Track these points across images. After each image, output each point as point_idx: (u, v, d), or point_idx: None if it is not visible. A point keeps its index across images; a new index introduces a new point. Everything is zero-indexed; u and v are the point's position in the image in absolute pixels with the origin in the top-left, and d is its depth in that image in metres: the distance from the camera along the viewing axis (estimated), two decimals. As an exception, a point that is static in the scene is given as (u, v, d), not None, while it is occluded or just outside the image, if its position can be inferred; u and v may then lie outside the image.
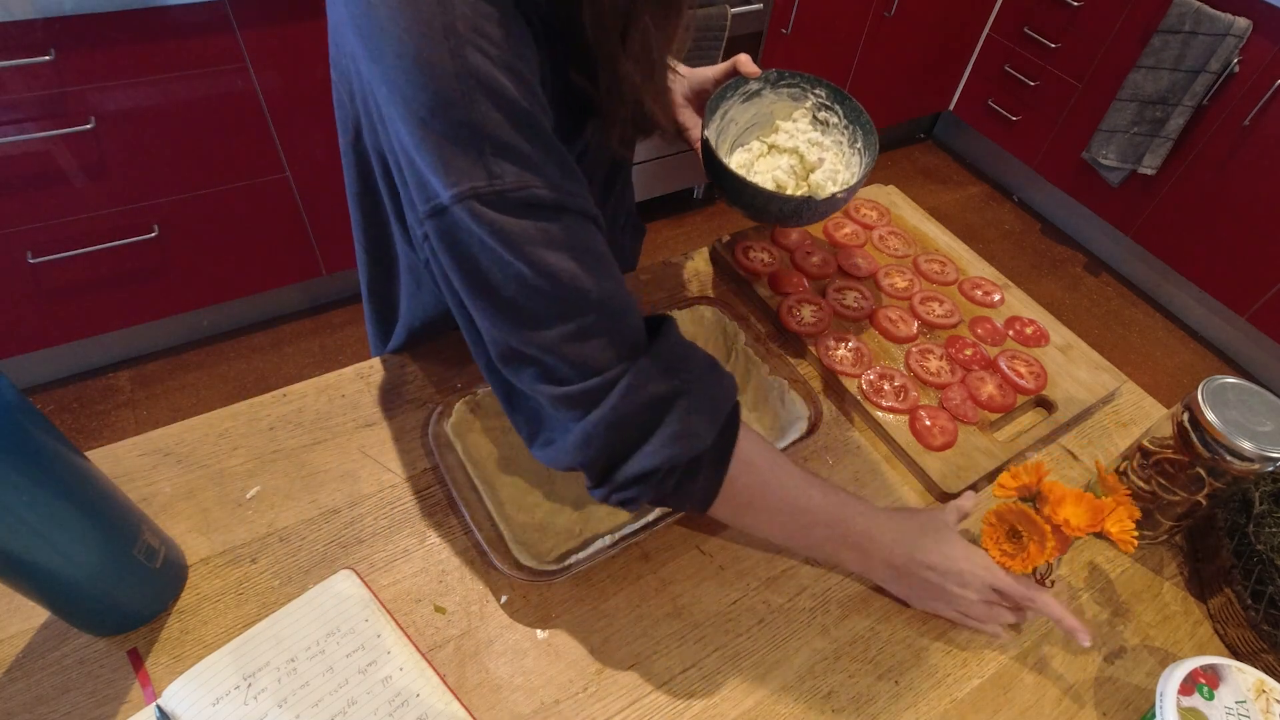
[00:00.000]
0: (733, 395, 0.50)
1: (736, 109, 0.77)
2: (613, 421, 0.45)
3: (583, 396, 0.45)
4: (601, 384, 0.45)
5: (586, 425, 0.45)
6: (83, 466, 0.48)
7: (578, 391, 0.45)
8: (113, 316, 1.59)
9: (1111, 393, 0.79)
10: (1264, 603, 0.58)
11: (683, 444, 0.46)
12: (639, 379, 0.45)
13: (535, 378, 0.46)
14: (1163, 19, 1.87)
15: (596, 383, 0.44)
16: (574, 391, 0.45)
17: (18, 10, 1.13)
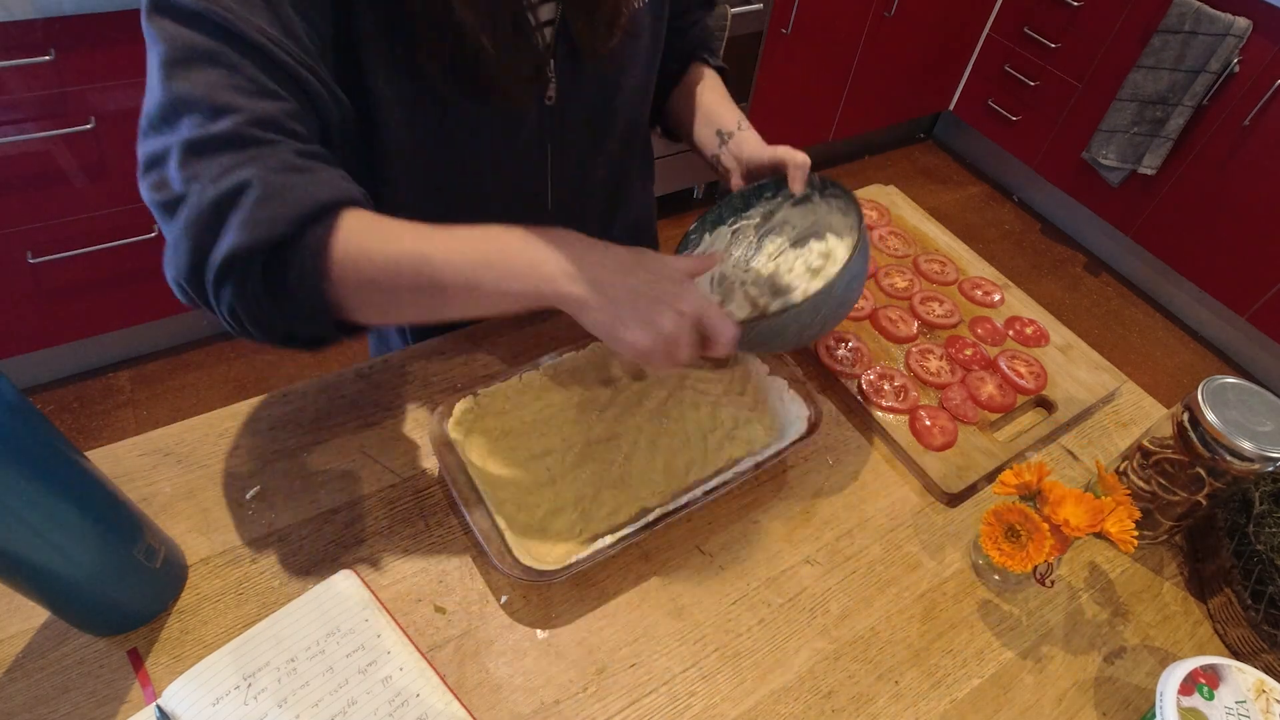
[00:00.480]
0: (327, 193, 0.47)
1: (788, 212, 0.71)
2: (190, 220, 0.44)
3: (168, 205, 0.45)
4: (181, 193, 0.44)
5: (173, 231, 0.45)
6: (83, 466, 0.48)
7: (161, 200, 0.45)
8: (113, 316, 1.59)
9: (1111, 393, 0.79)
10: (1264, 603, 0.58)
11: (246, 232, 0.44)
12: (204, 182, 0.44)
13: (146, 188, 0.46)
14: (1163, 19, 1.87)
15: (178, 191, 0.45)
16: (159, 199, 0.45)
17: (18, 10, 1.13)
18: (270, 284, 0.46)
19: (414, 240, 0.48)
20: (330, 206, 0.47)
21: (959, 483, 0.68)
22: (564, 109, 0.67)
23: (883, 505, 0.68)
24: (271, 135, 0.46)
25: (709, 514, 0.65)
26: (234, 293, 0.45)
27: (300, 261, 0.46)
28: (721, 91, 0.78)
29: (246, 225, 0.44)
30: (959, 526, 0.67)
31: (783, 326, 0.58)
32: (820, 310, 0.58)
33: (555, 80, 0.64)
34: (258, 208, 0.44)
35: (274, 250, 0.45)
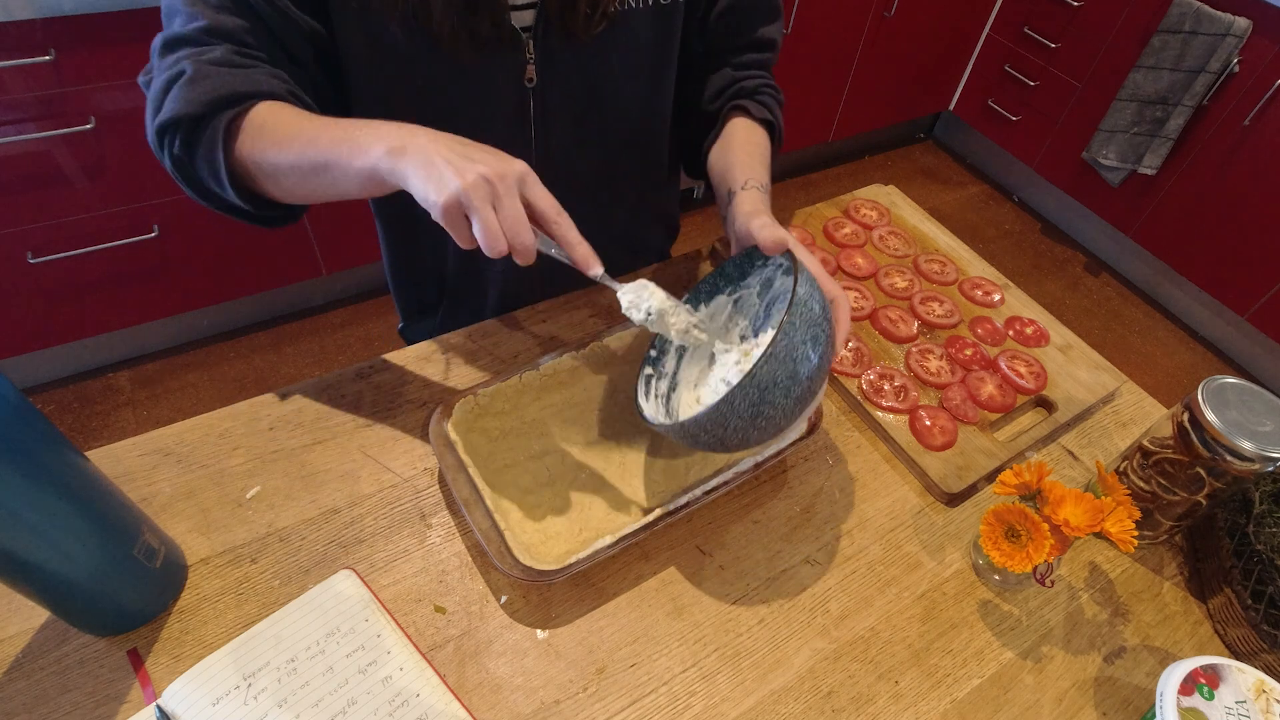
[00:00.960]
0: (246, 85, 0.55)
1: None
2: (150, 96, 0.58)
3: (146, 85, 0.59)
4: (150, 77, 0.59)
5: (147, 105, 0.58)
6: (83, 466, 0.48)
7: (143, 81, 0.60)
8: (113, 316, 1.59)
9: (1111, 393, 0.79)
10: (1264, 603, 0.58)
11: (172, 106, 0.54)
12: (162, 69, 0.57)
13: (141, 73, 0.61)
14: (1163, 19, 1.87)
15: (151, 76, 0.59)
16: (143, 81, 0.61)
17: (18, 10, 1.13)
18: (189, 151, 0.56)
19: (298, 124, 0.54)
20: (245, 95, 0.55)
21: (959, 483, 0.68)
22: (545, 92, 0.67)
23: (883, 505, 0.68)
24: (221, 41, 0.56)
25: (709, 514, 0.65)
26: (167, 154, 0.57)
27: (210, 136, 0.55)
28: (749, 146, 0.72)
29: (174, 100, 0.55)
30: (959, 526, 0.67)
31: (699, 432, 0.53)
32: (727, 424, 0.51)
33: (535, 62, 0.64)
34: (185, 88, 0.54)
35: (192, 123, 0.55)
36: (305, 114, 0.56)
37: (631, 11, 0.65)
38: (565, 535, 0.61)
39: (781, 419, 0.53)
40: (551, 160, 0.73)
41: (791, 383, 0.51)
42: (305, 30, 0.60)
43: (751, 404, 0.51)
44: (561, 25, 0.62)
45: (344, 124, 0.53)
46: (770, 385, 0.50)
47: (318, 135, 0.53)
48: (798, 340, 0.51)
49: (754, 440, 0.54)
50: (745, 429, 0.52)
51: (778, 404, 0.51)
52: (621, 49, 0.68)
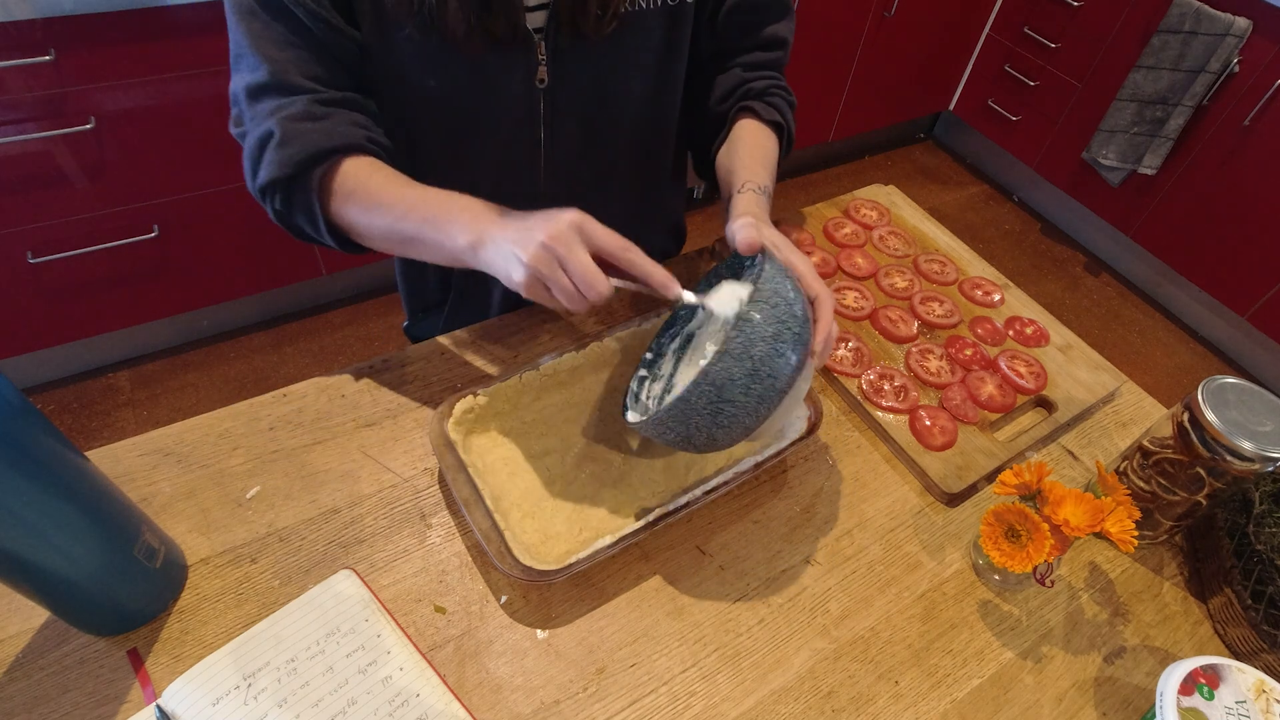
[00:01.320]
0: (330, 141, 0.59)
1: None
2: (246, 155, 0.61)
3: (240, 138, 0.62)
4: (243, 132, 0.62)
5: (243, 158, 0.62)
6: (83, 466, 0.48)
7: (236, 134, 0.63)
8: (113, 316, 1.59)
9: (1111, 393, 0.80)
10: (1264, 603, 0.58)
11: (269, 169, 0.59)
12: (251, 126, 0.60)
13: (230, 121, 0.64)
14: (1163, 19, 1.87)
15: (242, 130, 0.62)
16: (236, 133, 0.63)
17: (18, 10, 1.13)
18: (289, 207, 0.61)
19: (385, 194, 0.59)
20: (331, 152, 0.59)
21: (959, 483, 0.68)
22: (556, 94, 0.67)
23: (883, 505, 0.68)
24: (296, 80, 0.59)
25: (709, 514, 0.65)
26: (269, 208, 0.63)
27: (305, 195, 0.60)
28: (753, 148, 0.72)
29: (270, 164, 0.59)
30: (959, 526, 0.67)
31: (665, 430, 0.53)
32: (689, 421, 0.51)
33: (546, 63, 0.64)
34: (276, 151, 0.59)
35: (287, 183, 0.60)
36: (388, 180, 0.60)
37: (642, 12, 0.65)
38: (565, 535, 0.61)
39: (747, 418, 0.52)
40: (558, 160, 0.73)
41: (751, 380, 0.50)
42: (357, 42, 0.61)
43: (710, 402, 0.50)
44: (572, 26, 0.62)
45: (426, 201, 0.58)
46: (727, 383, 0.49)
47: (405, 213, 0.58)
48: (756, 337, 0.50)
49: (723, 439, 0.53)
50: (709, 428, 0.52)
51: (738, 402, 0.50)
52: (631, 49, 0.68)
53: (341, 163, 0.60)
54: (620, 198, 0.81)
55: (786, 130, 0.76)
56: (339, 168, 0.60)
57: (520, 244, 0.51)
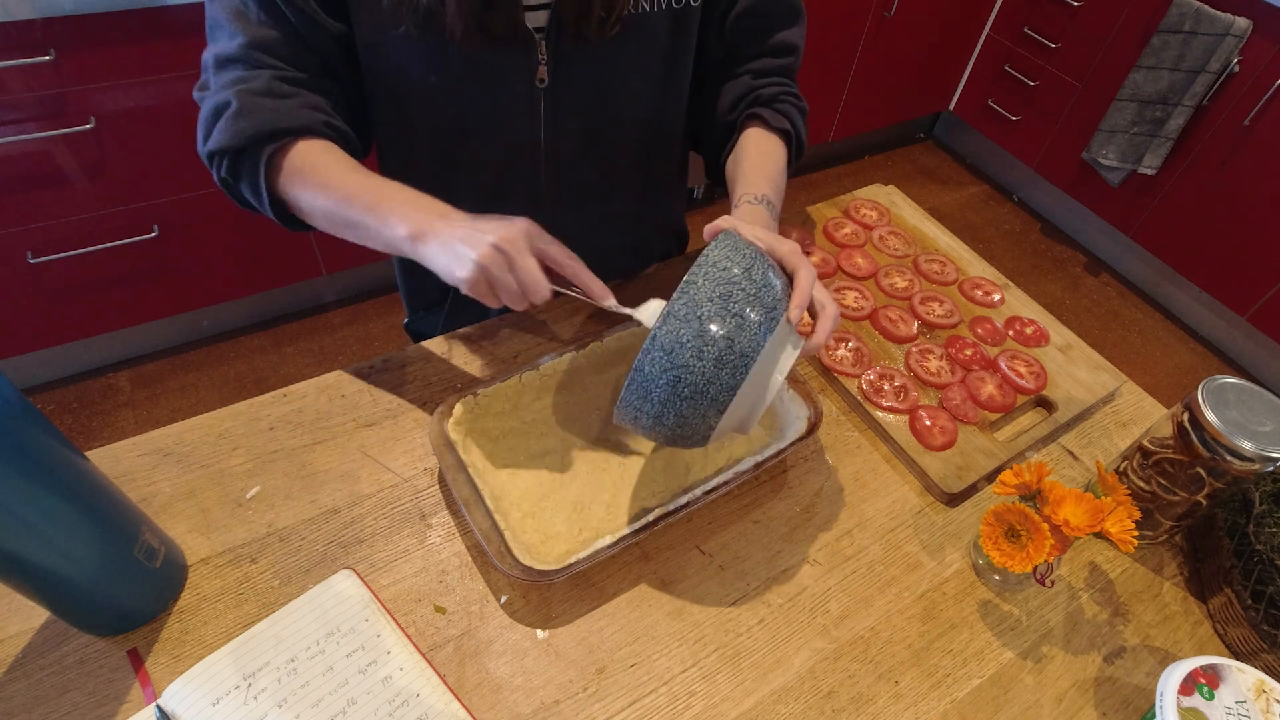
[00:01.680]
0: (287, 120, 0.60)
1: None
2: (200, 119, 0.62)
3: (199, 103, 0.63)
4: (201, 96, 0.62)
5: (198, 123, 0.63)
6: (83, 466, 0.48)
7: (197, 98, 0.63)
8: (113, 316, 1.59)
9: (1111, 393, 0.80)
10: (1264, 603, 0.58)
11: (219, 137, 0.59)
12: (211, 92, 0.61)
13: (195, 86, 0.64)
14: (1163, 19, 1.87)
15: (202, 95, 0.63)
16: (197, 97, 0.63)
17: (18, 10, 1.13)
18: (234, 176, 0.62)
19: (332, 177, 0.59)
20: (285, 131, 0.60)
21: (959, 483, 0.68)
22: (556, 94, 0.67)
23: (883, 505, 0.68)
24: (265, 58, 0.60)
25: (709, 514, 0.65)
26: (215, 175, 0.62)
27: (252, 168, 0.60)
28: (757, 158, 0.71)
29: (221, 132, 0.59)
30: (959, 526, 0.67)
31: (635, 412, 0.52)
32: (649, 394, 0.50)
33: (547, 63, 0.64)
34: (231, 120, 0.59)
35: (236, 154, 0.60)
36: (338, 163, 0.60)
37: (646, 14, 0.65)
38: (565, 535, 0.61)
39: (711, 386, 0.50)
40: (559, 161, 0.73)
41: (702, 341, 0.49)
42: (335, 34, 0.62)
43: (664, 370, 0.49)
44: (575, 28, 0.62)
45: (372, 189, 0.58)
46: (676, 346, 0.49)
47: (349, 197, 0.58)
48: (701, 298, 0.49)
49: (695, 417, 0.51)
50: (674, 403, 0.50)
51: (693, 367, 0.49)
52: (634, 52, 0.67)
53: (295, 143, 0.61)
54: (622, 199, 0.81)
55: (795, 137, 0.75)
56: (291, 147, 0.61)
57: (471, 243, 0.53)
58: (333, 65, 0.64)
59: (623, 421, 0.55)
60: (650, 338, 0.49)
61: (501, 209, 0.72)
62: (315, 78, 0.63)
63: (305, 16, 0.60)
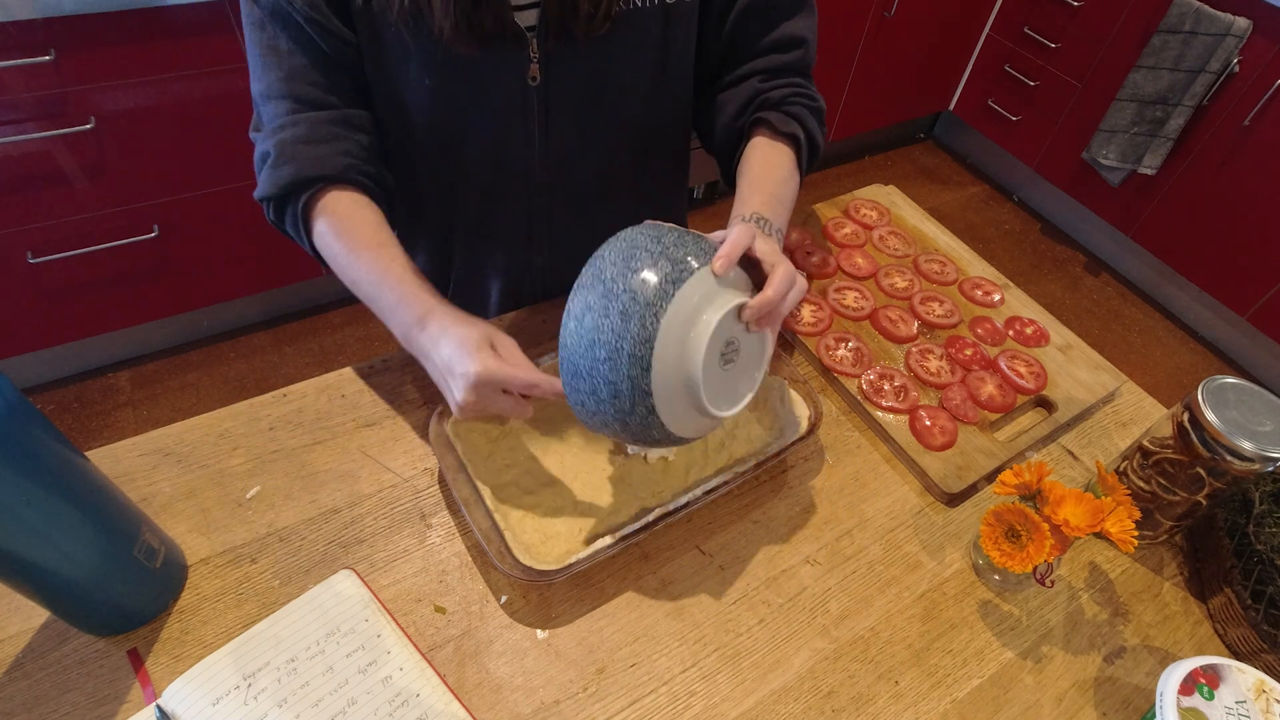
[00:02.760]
0: (317, 169, 0.63)
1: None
2: (256, 165, 0.65)
3: (254, 141, 0.66)
4: (255, 139, 0.66)
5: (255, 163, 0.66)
6: (83, 466, 0.48)
7: (253, 138, 0.67)
8: (113, 316, 1.59)
9: (1111, 393, 0.79)
10: (1264, 603, 0.58)
11: (263, 186, 0.64)
12: (260, 141, 0.65)
13: (251, 128, 0.68)
14: (1163, 19, 1.87)
15: (254, 137, 0.66)
16: (252, 137, 0.67)
17: (18, 10, 1.13)
18: (279, 220, 0.66)
19: (345, 253, 0.62)
20: (318, 179, 0.63)
21: (959, 483, 0.68)
22: (549, 91, 0.67)
23: (883, 505, 0.68)
24: (302, 89, 0.63)
25: (709, 514, 0.65)
26: (265, 215, 0.67)
27: (292, 215, 0.64)
28: (758, 170, 0.69)
29: (264, 181, 0.64)
30: (959, 526, 0.67)
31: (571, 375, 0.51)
32: (577, 367, 0.50)
33: (539, 61, 0.64)
34: (271, 171, 0.63)
35: (278, 202, 0.64)
36: (356, 233, 0.63)
37: (637, 11, 0.65)
38: (565, 535, 0.61)
39: (619, 341, 0.48)
40: (554, 159, 0.72)
41: (606, 301, 0.48)
42: (353, 45, 0.63)
43: (579, 340, 0.49)
44: (562, 25, 0.62)
45: (371, 281, 0.61)
46: (585, 311, 0.49)
47: (355, 282, 0.63)
48: (605, 264, 0.50)
49: (619, 380, 0.49)
50: (594, 369, 0.49)
51: (601, 326, 0.48)
52: (627, 49, 0.67)
53: (326, 192, 0.64)
54: (620, 198, 0.81)
55: (807, 141, 0.72)
56: (322, 197, 0.64)
57: (447, 392, 0.57)
58: (360, 82, 0.66)
59: (581, 418, 0.54)
60: (564, 313, 0.50)
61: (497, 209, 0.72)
62: (352, 102, 0.65)
63: (332, 37, 0.61)
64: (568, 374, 0.51)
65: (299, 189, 0.63)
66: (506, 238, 0.78)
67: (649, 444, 0.55)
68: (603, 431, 0.54)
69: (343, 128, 0.65)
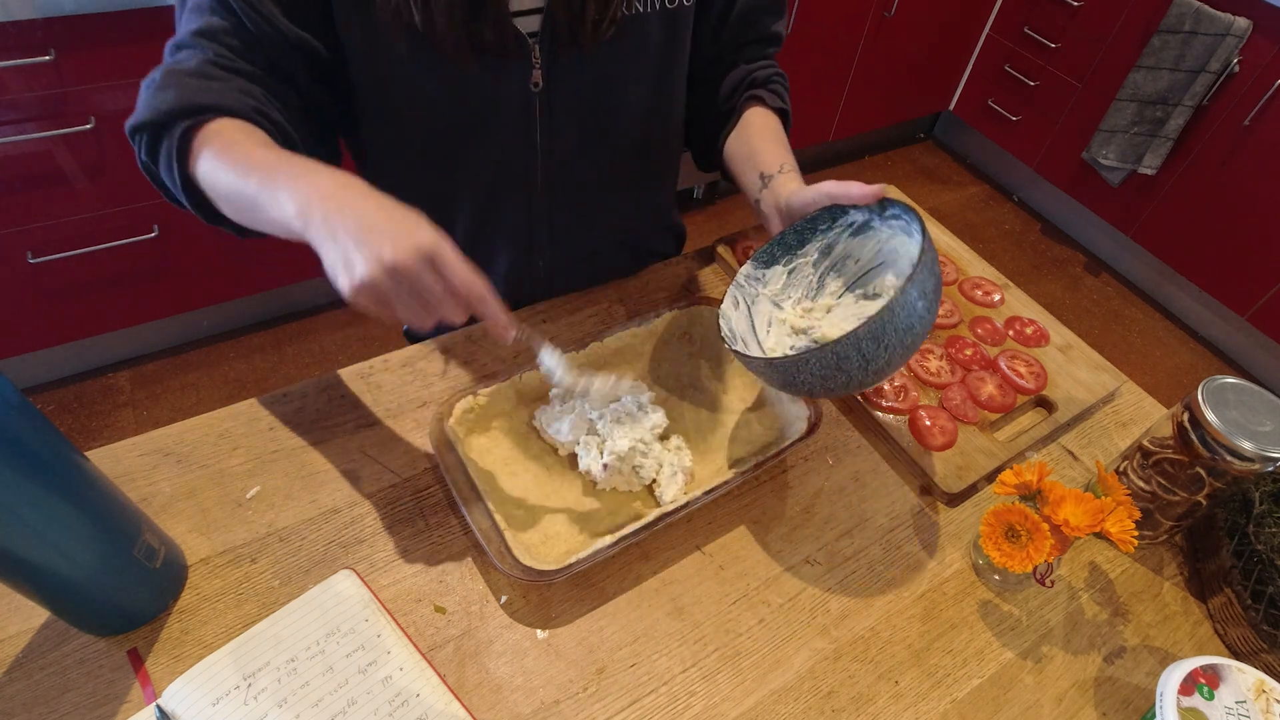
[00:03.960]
0: (208, 98, 0.55)
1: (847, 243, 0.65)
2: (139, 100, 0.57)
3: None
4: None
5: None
6: (83, 466, 0.48)
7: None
8: (113, 316, 1.59)
9: (1111, 393, 0.79)
10: (1264, 603, 0.58)
11: (139, 112, 0.56)
12: (153, 72, 0.57)
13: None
14: (1163, 19, 1.87)
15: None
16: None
17: (18, 10, 1.13)
18: (153, 156, 0.57)
19: (237, 151, 0.53)
20: (204, 108, 0.55)
21: (959, 483, 0.68)
22: (551, 97, 0.67)
23: (883, 505, 0.68)
24: (208, 44, 0.57)
25: (709, 514, 0.65)
26: (137, 157, 0.58)
27: (167, 145, 0.55)
28: (772, 133, 0.73)
29: (141, 106, 0.56)
30: (959, 526, 0.67)
31: (842, 357, 0.51)
32: (883, 339, 0.51)
33: (541, 66, 0.64)
34: (152, 94, 0.56)
35: (154, 129, 0.56)
36: (252, 141, 0.54)
37: (639, 16, 0.65)
38: (565, 535, 0.61)
39: (925, 328, 0.53)
40: (556, 164, 0.73)
41: (936, 294, 0.53)
42: (291, 39, 0.59)
43: (908, 313, 0.51)
44: (568, 31, 0.62)
45: (274, 163, 0.52)
46: (923, 295, 0.51)
47: (249, 170, 0.51)
48: (934, 253, 0.53)
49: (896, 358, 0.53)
50: (897, 344, 0.52)
51: (927, 316, 0.52)
52: (629, 53, 0.68)
53: (212, 121, 0.55)
54: (619, 200, 0.81)
55: (789, 116, 0.78)
56: (207, 124, 0.55)
57: (363, 252, 0.44)
58: (285, 69, 0.60)
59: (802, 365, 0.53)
60: (907, 279, 0.50)
61: (499, 212, 0.71)
62: (262, 75, 0.59)
63: (255, 12, 0.57)
64: (873, 332, 0.50)
65: (182, 115, 0.54)
66: (508, 239, 0.78)
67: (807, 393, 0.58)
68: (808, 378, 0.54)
69: (235, 74, 0.57)
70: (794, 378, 0.54)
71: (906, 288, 0.50)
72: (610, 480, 0.63)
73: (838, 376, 0.53)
